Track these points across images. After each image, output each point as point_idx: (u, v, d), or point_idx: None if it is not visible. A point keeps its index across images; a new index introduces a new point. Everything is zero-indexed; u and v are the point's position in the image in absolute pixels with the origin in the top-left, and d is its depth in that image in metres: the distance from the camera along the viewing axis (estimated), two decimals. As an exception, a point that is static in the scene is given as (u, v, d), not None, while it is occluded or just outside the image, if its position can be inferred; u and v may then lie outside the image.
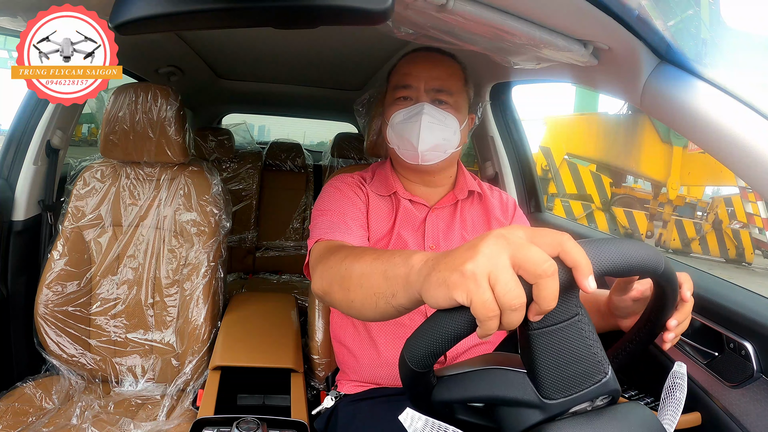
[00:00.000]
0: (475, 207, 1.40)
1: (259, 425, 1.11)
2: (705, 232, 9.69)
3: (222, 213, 1.73)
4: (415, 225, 1.32)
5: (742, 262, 9.48)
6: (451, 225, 1.34)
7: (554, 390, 0.62)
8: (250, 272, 3.26)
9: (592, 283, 0.53)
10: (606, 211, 10.27)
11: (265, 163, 3.38)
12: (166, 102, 1.64)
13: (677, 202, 9.94)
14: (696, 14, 7.48)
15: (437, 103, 1.27)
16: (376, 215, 1.31)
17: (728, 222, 9.57)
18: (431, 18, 0.92)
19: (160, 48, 2.04)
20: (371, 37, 1.86)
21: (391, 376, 1.27)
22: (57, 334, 1.62)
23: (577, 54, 1.02)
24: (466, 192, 1.38)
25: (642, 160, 9.97)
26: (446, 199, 1.36)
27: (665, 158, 9.70)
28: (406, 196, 1.34)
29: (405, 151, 1.29)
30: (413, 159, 1.28)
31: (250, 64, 2.51)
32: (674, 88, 0.94)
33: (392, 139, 1.31)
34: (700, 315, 1.16)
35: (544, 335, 0.61)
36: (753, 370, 1.01)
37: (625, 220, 10.10)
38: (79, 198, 1.69)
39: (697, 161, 9.29)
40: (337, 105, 3.23)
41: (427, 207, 1.35)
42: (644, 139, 9.93)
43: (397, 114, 1.27)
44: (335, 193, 1.29)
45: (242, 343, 1.55)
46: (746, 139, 0.84)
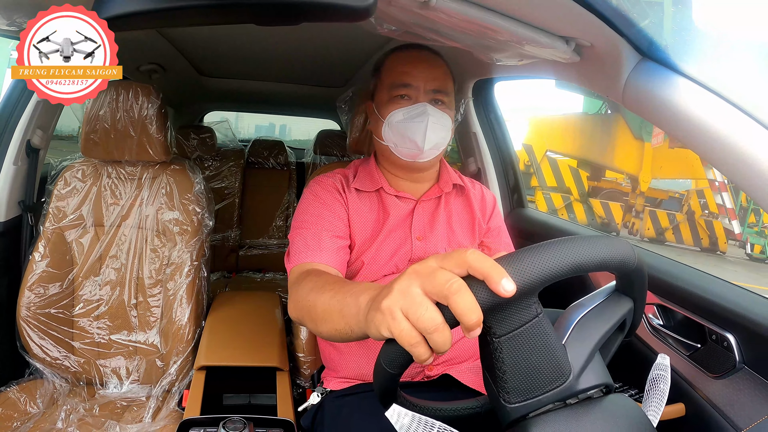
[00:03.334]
0: (458, 199, 1.44)
1: (245, 425, 1.11)
2: (678, 222, 10.62)
3: (205, 211, 1.72)
4: (401, 217, 1.34)
5: (716, 251, 10.38)
6: (435, 216, 1.37)
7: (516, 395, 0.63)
8: (233, 271, 3.24)
9: (508, 286, 0.54)
10: (584, 203, 11.29)
11: (248, 160, 3.35)
12: (147, 100, 1.63)
13: (649, 194, 10.98)
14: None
15: (435, 103, 1.29)
16: (360, 215, 1.32)
17: (701, 213, 10.54)
18: (414, 15, 0.92)
19: (141, 45, 2.02)
20: (354, 34, 1.86)
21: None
22: (40, 336, 1.60)
23: (560, 51, 1.02)
24: (450, 185, 1.41)
25: (616, 155, 11.07)
26: (431, 192, 1.39)
27: (638, 153, 10.83)
28: (391, 192, 1.36)
29: (405, 149, 1.30)
30: (413, 157, 1.31)
31: (233, 61, 2.49)
32: (656, 84, 0.95)
33: (389, 137, 1.31)
34: (683, 307, 1.17)
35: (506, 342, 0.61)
36: (735, 361, 1.03)
37: (602, 211, 11.16)
38: (60, 198, 1.67)
39: (668, 156, 10.41)
40: (319, 102, 3.22)
41: (413, 200, 1.37)
42: (618, 136, 11.03)
43: (396, 113, 1.28)
44: (313, 202, 1.30)
45: (227, 342, 1.55)
46: (726, 135, 0.85)
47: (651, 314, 1.26)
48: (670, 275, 1.26)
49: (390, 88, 1.30)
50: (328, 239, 1.22)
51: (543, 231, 1.86)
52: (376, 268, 1.29)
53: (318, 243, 1.20)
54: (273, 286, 2.92)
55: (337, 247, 1.23)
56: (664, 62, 0.97)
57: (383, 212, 1.34)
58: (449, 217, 1.39)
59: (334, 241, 1.23)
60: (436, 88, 1.29)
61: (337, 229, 1.26)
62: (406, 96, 1.29)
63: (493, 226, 1.46)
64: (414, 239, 1.32)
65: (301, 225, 1.25)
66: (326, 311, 0.87)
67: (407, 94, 1.29)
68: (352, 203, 1.33)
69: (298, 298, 1.02)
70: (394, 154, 1.32)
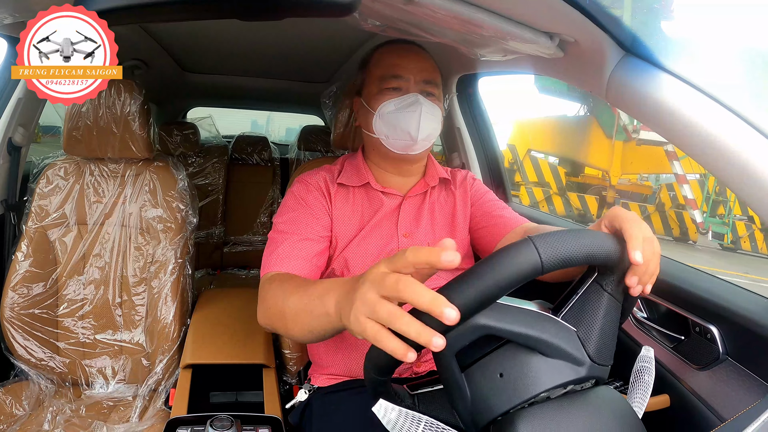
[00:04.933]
0: (443, 194, 1.43)
1: (233, 423, 1.11)
2: (649, 213, 11.62)
3: (188, 208, 1.71)
4: (387, 213, 1.33)
5: (687, 241, 11.39)
6: (420, 212, 1.37)
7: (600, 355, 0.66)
8: (218, 268, 3.23)
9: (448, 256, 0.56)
10: (561, 196, 12.56)
11: (231, 157, 3.34)
12: (129, 96, 1.61)
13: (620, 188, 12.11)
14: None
15: (425, 95, 1.28)
16: (344, 212, 1.32)
17: (670, 205, 11.61)
18: (398, 11, 0.92)
19: (123, 41, 1.97)
20: (338, 30, 1.85)
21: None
22: (24, 337, 1.58)
23: (543, 46, 1.03)
24: (437, 179, 1.41)
25: (590, 153, 12.36)
26: (418, 187, 1.38)
27: (609, 151, 11.94)
28: (378, 187, 1.35)
29: (397, 141, 1.29)
30: (406, 148, 1.29)
31: (216, 57, 2.48)
32: (639, 80, 0.96)
33: (380, 129, 1.30)
34: (666, 300, 1.19)
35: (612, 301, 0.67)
36: (719, 353, 1.04)
37: (579, 203, 12.32)
38: (43, 197, 1.65)
39: (636, 153, 11.66)
40: (303, 98, 3.21)
41: (399, 196, 1.36)
42: (592, 136, 12.26)
43: (388, 104, 1.27)
44: (294, 206, 1.28)
45: (213, 340, 1.54)
46: (708, 129, 0.86)
47: (635, 307, 1.28)
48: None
49: (380, 81, 1.30)
50: (304, 247, 1.21)
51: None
52: (361, 264, 1.28)
53: (291, 251, 1.19)
54: (258, 283, 2.90)
55: (313, 253, 1.22)
56: (647, 58, 0.97)
57: (369, 208, 1.34)
58: (433, 212, 1.39)
59: (310, 248, 1.22)
60: (427, 79, 1.29)
61: (315, 233, 1.25)
62: (398, 88, 1.28)
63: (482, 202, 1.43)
64: (400, 236, 1.32)
65: (278, 229, 1.24)
66: (296, 314, 0.90)
67: (399, 86, 1.28)
68: (336, 201, 1.32)
69: (267, 305, 1.05)
70: (385, 146, 1.30)
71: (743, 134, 0.84)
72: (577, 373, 0.64)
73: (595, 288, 0.66)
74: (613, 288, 0.66)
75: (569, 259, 0.61)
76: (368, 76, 1.35)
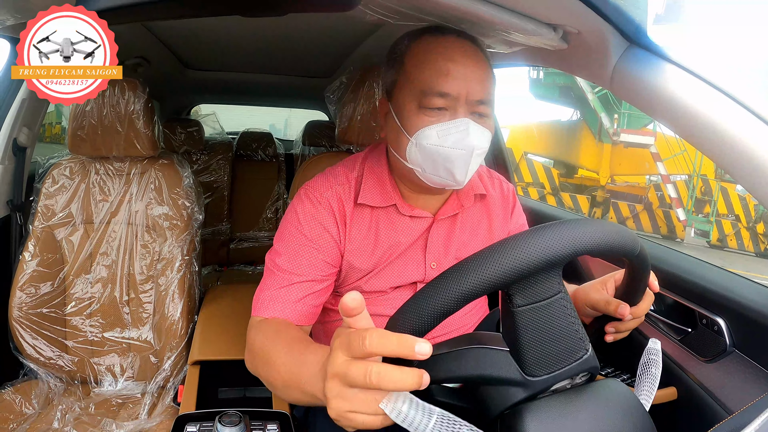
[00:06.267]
0: (476, 210, 1.22)
1: (241, 418, 1.11)
2: (638, 212, 12.03)
3: (194, 206, 1.71)
4: (414, 239, 1.13)
5: (675, 239, 11.63)
6: (451, 236, 1.17)
7: (538, 367, 0.63)
8: (224, 264, 3.24)
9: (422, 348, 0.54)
10: (555, 195, 13.14)
11: (236, 153, 3.34)
12: (133, 95, 1.61)
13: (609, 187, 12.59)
14: None
15: (476, 117, 1.00)
16: (360, 243, 1.11)
17: (658, 204, 11.89)
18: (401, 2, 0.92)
19: (125, 39, 1.99)
20: (341, 23, 1.84)
21: None
22: (33, 337, 1.59)
23: (547, 38, 1.02)
24: (472, 197, 1.19)
25: (581, 155, 13.16)
26: (449, 206, 1.16)
27: (598, 153, 12.70)
28: (406, 211, 1.12)
29: (434, 177, 1.03)
30: (443, 186, 1.05)
31: (218, 53, 2.47)
32: (643, 71, 0.95)
33: (416, 160, 1.02)
34: (673, 292, 1.18)
35: (528, 312, 0.62)
36: (726, 345, 1.04)
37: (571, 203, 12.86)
38: (49, 196, 1.65)
39: (624, 155, 12.27)
40: (307, 93, 3.20)
41: (429, 218, 1.14)
42: (583, 139, 13.09)
43: (429, 131, 0.98)
44: (298, 236, 1.08)
45: (220, 336, 1.54)
46: (713, 120, 0.86)
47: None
48: (661, 261, 1.27)
49: (420, 95, 0.99)
50: (302, 290, 1.05)
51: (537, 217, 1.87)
52: (378, 300, 1.14)
53: (287, 295, 1.04)
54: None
55: (313, 295, 1.06)
56: (651, 49, 0.97)
57: (392, 235, 1.12)
58: (465, 237, 1.18)
59: (309, 289, 1.05)
60: (481, 99, 0.99)
61: (318, 273, 1.07)
62: (443, 108, 0.98)
63: (513, 228, 1.28)
64: (428, 266, 1.14)
65: (276, 263, 1.08)
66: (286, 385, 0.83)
67: (444, 106, 0.98)
68: (352, 227, 1.11)
69: (254, 355, 0.99)
70: (419, 177, 1.05)
71: (748, 124, 0.84)
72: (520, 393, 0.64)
73: (506, 308, 0.65)
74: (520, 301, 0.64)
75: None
76: (403, 80, 1.04)
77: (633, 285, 0.84)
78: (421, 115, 0.98)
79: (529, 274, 0.60)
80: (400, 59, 1.05)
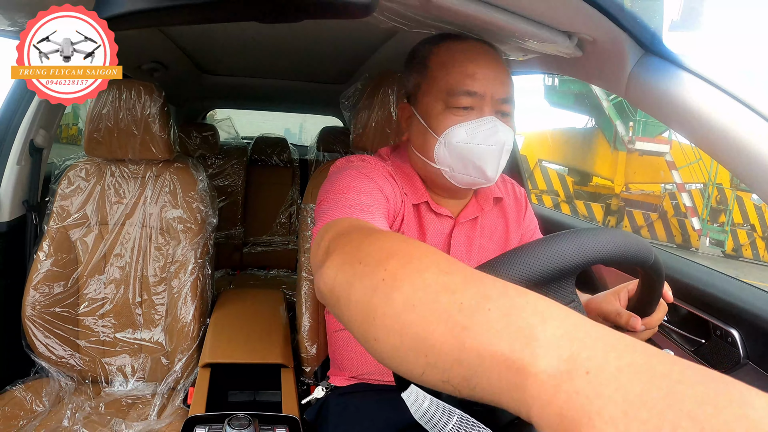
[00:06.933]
0: (494, 213, 1.24)
1: (250, 422, 1.11)
2: (652, 221, 11.88)
3: (208, 209, 1.72)
4: (439, 240, 1.14)
5: (689, 248, 11.47)
6: (472, 238, 1.18)
7: None
8: (237, 268, 3.25)
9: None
10: (569, 203, 13.02)
11: (251, 158, 3.36)
12: (150, 98, 1.63)
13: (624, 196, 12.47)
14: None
15: (501, 116, 1.02)
16: (409, 228, 1.10)
17: (673, 212, 11.78)
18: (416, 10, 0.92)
19: (142, 44, 2.01)
20: (356, 30, 1.85)
21: (385, 371, 1.23)
22: (45, 335, 1.60)
23: (562, 46, 1.02)
24: (491, 200, 1.21)
25: (596, 163, 13.00)
26: (470, 210, 1.17)
27: (613, 161, 12.59)
28: (436, 209, 1.13)
29: (463, 176, 1.04)
30: (473, 185, 1.08)
31: (234, 58, 2.49)
32: (659, 79, 0.95)
33: (444, 160, 1.03)
34: (687, 303, 1.17)
35: None
36: (740, 357, 1.03)
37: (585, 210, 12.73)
38: (64, 197, 1.67)
39: (640, 163, 12.14)
40: (322, 99, 3.21)
41: (451, 219, 1.16)
42: (598, 147, 12.92)
43: (457, 129, 1.00)
44: (363, 180, 0.97)
45: (231, 339, 1.55)
46: (730, 129, 0.85)
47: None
48: (675, 271, 1.26)
49: (447, 95, 1.00)
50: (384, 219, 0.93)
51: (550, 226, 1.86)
52: None
53: (371, 211, 0.89)
54: (277, 284, 2.92)
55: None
56: (667, 57, 0.97)
57: (419, 231, 1.13)
58: (484, 239, 1.20)
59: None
60: (505, 98, 1.01)
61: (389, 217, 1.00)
62: (470, 107, 1.00)
63: (525, 231, 1.28)
64: None
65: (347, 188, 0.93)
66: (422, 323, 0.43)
67: (470, 105, 1.00)
68: (407, 208, 1.10)
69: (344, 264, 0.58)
70: (446, 178, 1.06)
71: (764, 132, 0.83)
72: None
73: None
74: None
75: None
76: (428, 83, 1.05)
77: (647, 295, 0.83)
78: (449, 114, 1.00)
79: (542, 282, 0.60)
80: (423, 63, 1.07)
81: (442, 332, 0.40)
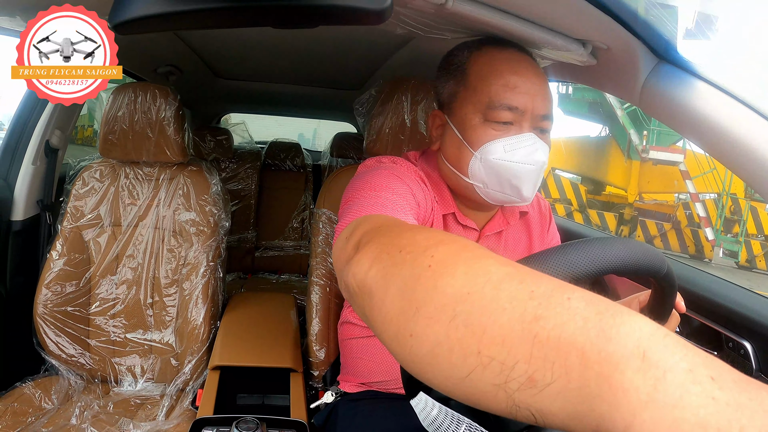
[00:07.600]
0: (519, 224, 1.20)
1: (258, 425, 1.11)
2: (666, 231, 11.83)
3: (221, 213, 1.73)
4: None
5: (703, 259, 11.37)
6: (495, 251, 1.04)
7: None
8: (249, 272, 3.25)
9: None
10: (582, 212, 12.92)
11: (264, 162, 3.37)
12: (165, 102, 1.64)
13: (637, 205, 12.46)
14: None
15: (539, 132, 0.98)
16: None
17: (686, 222, 11.68)
18: (431, 15, 0.92)
19: (158, 47, 2.03)
20: (371, 35, 1.85)
21: (396, 380, 1.19)
22: (56, 334, 1.62)
23: (576, 53, 1.02)
24: (517, 214, 1.17)
25: (609, 172, 12.97)
26: (495, 223, 1.14)
27: (627, 170, 12.51)
28: (462, 220, 1.09)
29: (497, 193, 1.00)
30: (504, 203, 1.04)
31: (249, 63, 2.50)
32: (673, 87, 0.94)
33: (478, 175, 0.99)
34: (699, 314, 1.16)
35: None
36: (752, 369, 1.01)
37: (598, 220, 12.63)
38: (78, 198, 1.69)
39: (654, 172, 12.10)
40: (336, 104, 3.22)
41: (476, 232, 1.12)
42: (611, 156, 12.88)
43: (495, 145, 0.95)
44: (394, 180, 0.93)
45: (241, 342, 1.55)
46: (745, 138, 0.84)
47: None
48: (687, 281, 1.25)
49: (487, 108, 0.95)
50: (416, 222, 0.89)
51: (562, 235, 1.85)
52: None
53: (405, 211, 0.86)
54: (288, 288, 2.92)
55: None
56: (681, 65, 0.96)
57: None
58: (506, 248, 1.17)
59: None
60: (545, 114, 0.97)
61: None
62: (510, 122, 0.95)
63: (549, 245, 1.23)
64: None
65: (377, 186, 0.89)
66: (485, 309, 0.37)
67: (510, 121, 0.95)
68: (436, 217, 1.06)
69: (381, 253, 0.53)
70: (477, 193, 1.02)
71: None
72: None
73: None
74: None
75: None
76: (466, 92, 1.00)
77: (659, 305, 0.83)
78: (487, 128, 0.96)
79: None
80: (461, 70, 1.01)
81: (507, 322, 0.34)
